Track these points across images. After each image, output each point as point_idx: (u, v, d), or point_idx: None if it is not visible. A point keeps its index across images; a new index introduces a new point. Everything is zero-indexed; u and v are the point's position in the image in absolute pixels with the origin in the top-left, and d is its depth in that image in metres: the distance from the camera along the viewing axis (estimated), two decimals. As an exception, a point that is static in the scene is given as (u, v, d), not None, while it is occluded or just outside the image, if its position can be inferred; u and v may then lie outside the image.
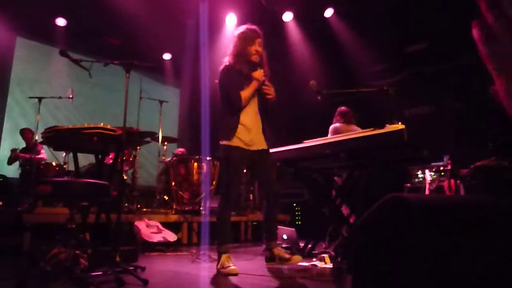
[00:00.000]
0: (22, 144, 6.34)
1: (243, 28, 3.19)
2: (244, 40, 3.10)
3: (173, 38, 8.09)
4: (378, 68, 6.73)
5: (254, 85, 3.06)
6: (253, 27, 3.17)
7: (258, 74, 3.06)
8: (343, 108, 4.85)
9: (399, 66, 6.52)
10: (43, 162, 5.59)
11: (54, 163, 5.27)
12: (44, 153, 5.86)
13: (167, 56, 8.80)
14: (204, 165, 5.56)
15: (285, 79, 6.87)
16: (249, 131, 3.06)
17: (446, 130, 4.57)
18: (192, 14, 7.27)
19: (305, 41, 7.72)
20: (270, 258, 3.11)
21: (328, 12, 7.45)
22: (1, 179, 5.67)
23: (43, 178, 4.63)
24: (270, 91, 3.12)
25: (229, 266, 2.77)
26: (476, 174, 4.02)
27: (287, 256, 3.06)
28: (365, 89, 3.63)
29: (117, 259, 2.51)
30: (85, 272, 2.33)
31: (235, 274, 2.70)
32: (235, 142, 2.99)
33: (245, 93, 3.00)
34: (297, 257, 3.07)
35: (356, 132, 3.16)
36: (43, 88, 7.15)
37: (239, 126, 3.02)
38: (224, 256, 2.86)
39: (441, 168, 4.85)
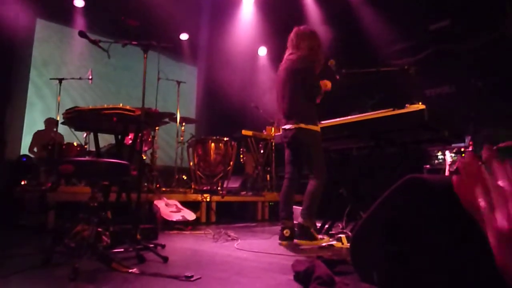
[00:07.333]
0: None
1: (309, 28, 3.45)
2: (319, 40, 3.37)
3: (189, 17, 8.04)
4: (399, 46, 6.55)
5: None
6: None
7: (324, 83, 3.31)
8: None
9: (421, 44, 6.33)
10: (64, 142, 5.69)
11: (75, 143, 5.36)
12: None
13: (184, 36, 8.75)
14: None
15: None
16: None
17: (468, 110, 4.45)
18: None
19: (324, 19, 7.56)
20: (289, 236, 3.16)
21: (348, -11, 7.26)
22: (25, 159, 5.81)
23: (65, 158, 4.74)
24: None
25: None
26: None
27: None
28: (385, 68, 3.55)
29: (138, 236, 2.58)
30: (108, 249, 2.40)
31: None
32: (319, 128, 3.27)
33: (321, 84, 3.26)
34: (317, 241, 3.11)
35: (376, 112, 3.11)
36: (61, 69, 7.22)
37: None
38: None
39: (462, 149, 4.75)
